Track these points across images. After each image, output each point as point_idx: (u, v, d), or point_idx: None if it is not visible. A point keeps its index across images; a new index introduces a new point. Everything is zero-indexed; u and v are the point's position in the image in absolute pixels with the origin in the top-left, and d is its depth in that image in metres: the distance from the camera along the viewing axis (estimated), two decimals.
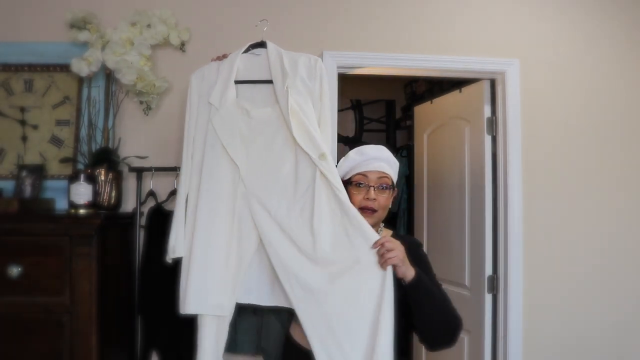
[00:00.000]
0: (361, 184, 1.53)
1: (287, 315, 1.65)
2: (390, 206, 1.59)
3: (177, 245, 1.58)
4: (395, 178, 1.59)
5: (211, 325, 1.53)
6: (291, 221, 1.50)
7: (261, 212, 1.52)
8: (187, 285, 1.53)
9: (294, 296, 1.46)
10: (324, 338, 1.43)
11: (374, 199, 1.51)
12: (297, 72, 1.57)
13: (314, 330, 1.44)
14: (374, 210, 1.52)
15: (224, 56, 1.67)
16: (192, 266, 1.53)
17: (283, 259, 1.48)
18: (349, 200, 1.48)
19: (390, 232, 1.64)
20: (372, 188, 1.52)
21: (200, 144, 1.59)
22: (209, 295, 1.52)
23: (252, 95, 1.61)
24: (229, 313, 1.53)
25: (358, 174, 1.54)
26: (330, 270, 1.46)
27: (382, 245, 1.39)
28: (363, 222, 1.45)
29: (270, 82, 1.60)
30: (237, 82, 1.61)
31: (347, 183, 1.56)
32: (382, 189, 1.53)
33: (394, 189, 1.58)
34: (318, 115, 1.58)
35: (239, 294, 1.55)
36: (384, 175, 1.54)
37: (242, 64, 1.63)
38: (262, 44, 1.66)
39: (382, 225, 1.63)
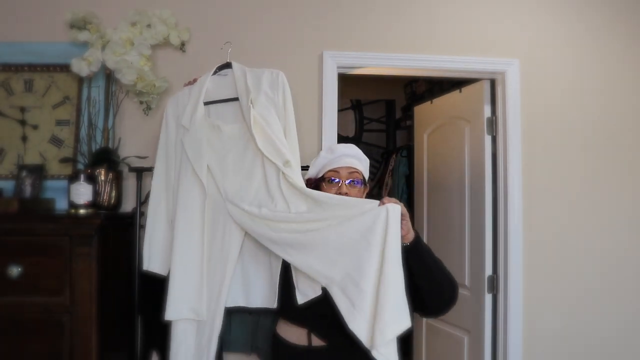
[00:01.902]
0: (333, 179, 1.59)
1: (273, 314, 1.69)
2: None
3: (151, 259, 1.72)
4: (366, 174, 1.65)
5: (187, 332, 1.63)
6: (276, 215, 1.56)
7: (244, 216, 1.58)
8: (168, 294, 1.63)
9: (290, 257, 1.49)
10: (336, 279, 1.44)
11: (346, 194, 1.56)
12: (260, 87, 1.67)
13: (320, 276, 1.46)
14: None
15: (195, 80, 1.76)
16: (172, 278, 1.63)
17: (273, 238, 1.52)
18: (319, 192, 1.55)
19: None
20: (343, 183, 1.58)
21: (177, 163, 1.71)
22: (186, 303, 1.62)
23: (223, 114, 1.70)
24: (206, 318, 1.62)
25: (330, 170, 1.60)
26: (321, 225, 1.49)
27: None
28: (338, 197, 1.51)
29: (237, 99, 1.69)
30: (208, 102, 1.71)
31: (320, 180, 1.62)
32: (354, 183, 1.59)
33: (365, 185, 1.64)
34: (284, 125, 1.67)
35: (227, 299, 1.63)
36: (354, 171, 1.60)
37: (212, 85, 1.73)
38: (228, 65, 1.75)
39: None
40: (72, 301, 1.68)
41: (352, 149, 1.65)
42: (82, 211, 1.85)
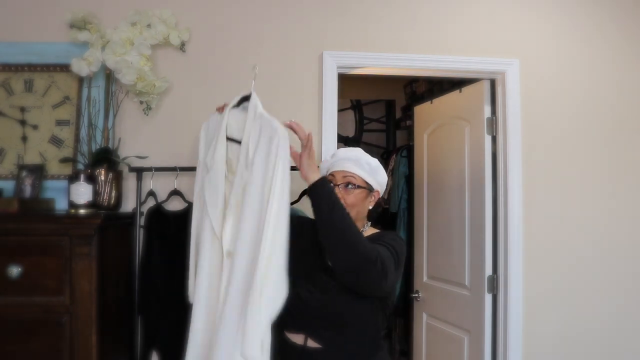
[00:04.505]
0: (330, 183, 1.56)
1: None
2: (370, 207, 1.61)
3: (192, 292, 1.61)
4: (369, 178, 1.59)
5: None
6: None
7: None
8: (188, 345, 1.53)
9: None
10: None
11: (341, 198, 1.52)
12: (258, 144, 1.48)
13: None
14: None
15: (225, 106, 1.60)
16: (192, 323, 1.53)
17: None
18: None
19: (376, 230, 1.65)
20: (337, 187, 1.56)
21: (201, 203, 1.57)
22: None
23: (237, 155, 1.53)
24: None
25: (329, 174, 1.60)
26: None
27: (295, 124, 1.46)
28: None
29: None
30: (230, 138, 1.55)
31: None
32: (348, 187, 1.56)
33: (370, 190, 1.59)
34: (270, 184, 1.44)
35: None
36: (348, 175, 1.57)
37: (233, 119, 1.56)
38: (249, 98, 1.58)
39: (368, 223, 1.64)
40: (72, 301, 1.68)
41: (351, 153, 1.60)
42: (82, 211, 1.85)
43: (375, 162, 1.62)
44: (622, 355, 2.39)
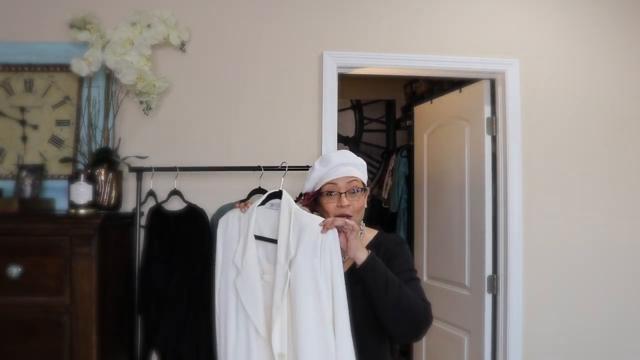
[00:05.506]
0: (332, 192, 1.52)
1: None
2: (366, 206, 1.58)
3: None
4: (364, 179, 1.58)
5: None
6: None
7: None
8: None
9: None
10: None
11: (348, 205, 1.50)
12: (301, 241, 1.44)
13: None
14: (349, 216, 1.50)
15: (246, 205, 1.56)
16: None
17: None
18: None
19: (375, 231, 1.63)
20: (343, 195, 1.51)
21: (228, 300, 1.50)
22: None
23: (266, 254, 1.49)
24: None
25: (327, 183, 1.53)
26: None
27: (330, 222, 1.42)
28: None
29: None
30: (258, 237, 1.51)
31: (319, 194, 1.55)
32: (354, 193, 1.52)
33: (365, 190, 1.57)
34: (331, 285, 1.41)
35: None
36: (353, 179, 1.53)
37: (261, 217, 1.53)
38: (279, 194, 1.52)
39: (363, 224, 1.62)
40: (72, 301, 1.68)
41: (347, 157, 1.57)
42: (82, 211, 1.85)
43: (363, 161, 1.61)
44: (622, 355, 2.39)
